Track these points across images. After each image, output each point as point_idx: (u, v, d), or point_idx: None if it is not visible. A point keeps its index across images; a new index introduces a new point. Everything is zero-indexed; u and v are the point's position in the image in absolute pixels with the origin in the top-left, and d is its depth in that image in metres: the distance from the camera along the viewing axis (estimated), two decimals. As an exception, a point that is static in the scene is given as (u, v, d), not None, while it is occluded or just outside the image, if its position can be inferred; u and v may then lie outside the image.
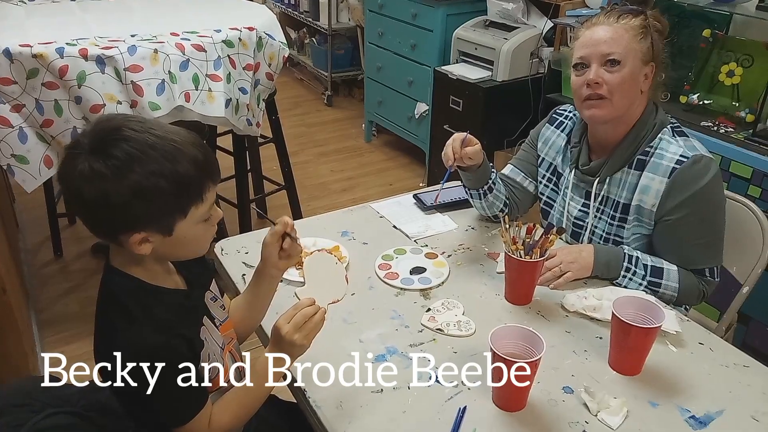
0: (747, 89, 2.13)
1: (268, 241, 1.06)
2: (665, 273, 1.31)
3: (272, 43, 2.16)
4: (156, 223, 0.89)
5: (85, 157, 0.84)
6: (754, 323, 2.01)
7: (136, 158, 0.84)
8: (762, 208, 1.51)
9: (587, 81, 1.29)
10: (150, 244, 0.90)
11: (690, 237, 1.31)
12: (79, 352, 2.23)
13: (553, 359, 1.12)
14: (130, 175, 0.84)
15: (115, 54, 1.79)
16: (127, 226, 0.87)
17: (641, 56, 1.29)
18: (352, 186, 3.53)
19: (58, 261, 2.75)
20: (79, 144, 0.86)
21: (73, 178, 0.85)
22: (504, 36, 2.93)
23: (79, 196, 0.86)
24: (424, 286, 1.32)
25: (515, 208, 1.57)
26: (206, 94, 1.90)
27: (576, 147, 1.44)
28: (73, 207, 0.90)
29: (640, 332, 1.05)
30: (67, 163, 0.87)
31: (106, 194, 0.84)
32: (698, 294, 1.34)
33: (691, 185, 1.28)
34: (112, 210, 0.85)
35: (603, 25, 1.30)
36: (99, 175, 0.83)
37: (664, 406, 1.04)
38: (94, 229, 0.91)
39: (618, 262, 1.33)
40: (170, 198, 0.87)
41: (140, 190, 0.84)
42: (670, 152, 1.30)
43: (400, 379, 1.08)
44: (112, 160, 0.84)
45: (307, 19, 4.69)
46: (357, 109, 4.45)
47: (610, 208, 1.39)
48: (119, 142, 0.85)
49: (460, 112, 3.06)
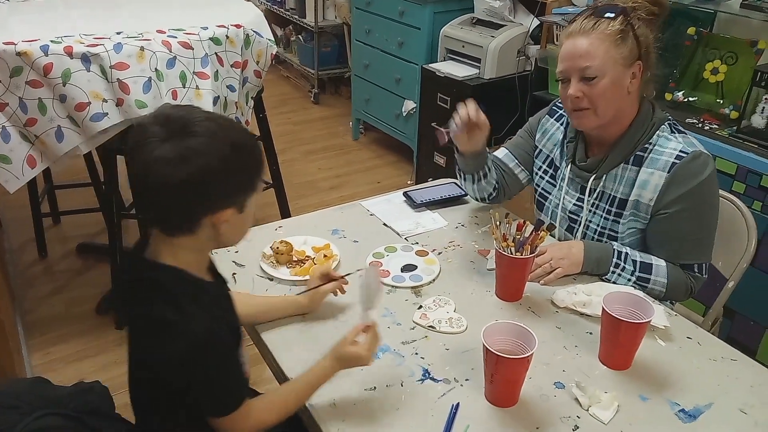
0: (731, 86, 2.16)
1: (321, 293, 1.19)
2: (654, 269, 1.33)
3: (260, 41, 2.15)
4: (237, 199, 0.91)
5: (165, 144, 0.84)
6: (739, 317, 2.03)
7: (216, 134, 0.86)
8: (746, 203, 1.53)
9: (568, 96, 1.31)
10: (228, 224, 0.91)
11: (683, 231, 1.32)
12: (65, 353, 2.22)
13: (545, 355, 1.13)
14: (218, 149, 0.86)
15: (101, 52, 1.77)
16: (215, 205, 0.89)
17: (622, 61, 1.26)
18: (340, 184, 3.52)
19: (43, 261, 2.72)
20: (150, 134, 0.85)
21: (158, 166, 0.84)
22: (491, 34, 2.94)
23: (168, 183, 0.84)
24: (416, 283, 1.33)
25: (503, 194, 1.59)
26: (194, 91, 1.88)
27: (572, 142, 1.45)
28: (156, 198, 0.88)
29: (629, 327, 1.06)
30: (142, 155, 0.85)
31: (202, 170, 0.85)
32: (686, 290, 1.35)
33: (689, 180, 1.29)
34: (207, 186, 0.86)
35: (580, 36, 1.27)
36: (191, 152, 0.84)
37: (654, 400, 1.05)
38: (176, 219, 0.90)
39: (608, 258, 1.34)
40: (246, 170, 0.91)
41: (228, 162, 0.87)
42: (669, 148, 1.31)
43: (392, 376, 1.08)
44: (197, 138, 0.85)
45: (293, 17, 4.67)
46: (344, 107, 4.44)
47: (605, 203, 1.40)
48: (193, 123, 0.86)
49: (447, 109, 3.06)
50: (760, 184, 1.89)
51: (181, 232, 0.91)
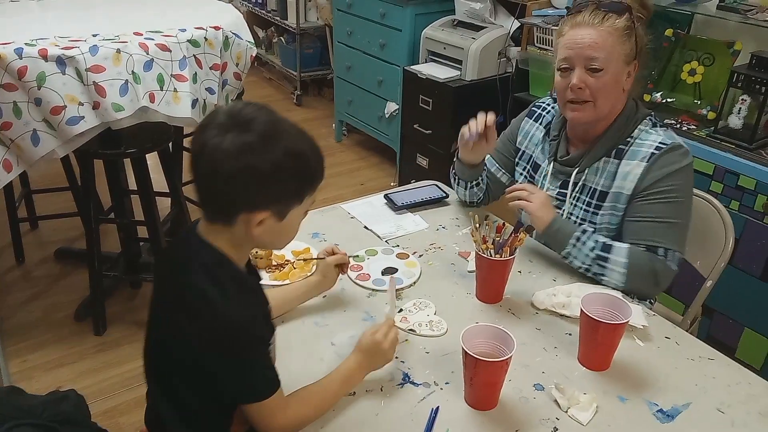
0: (708, 87, 2.18)
1: (329, 262, 1.22)
2: (614, 249, 1.30)
3: (239, 43, 2.13)
4: (278, 205, 0.91)
5: (224, 134, 0.85)
6: (718, 316, 2.06)
7: (274, 136, 0.87)
8: (724, 203, 1.54)
9: (570, 85, 1.29)
10: (263, 227, 0.91)
11: (652, 212, 1.30)
12: (43, 360, 2.18)
13: (524, 357, 1.13)
14: (274, 150, 0.86)
15: (76, 54, 1.74)
16: (253, 204, 0.89)
17: (624, 58, 1.29)
18: (324, 186, 3.38)
19: (21, 267, 2.68)
20: (217, 121, 0.87)
21: (216, 153, 0.85)
22: (472, 36, 2.95)
23: (217, 170, 0.86)
24: (396, 286, 1.32)
25: (488, 197, 1.63)
26: (172, 94, 1.86)
27: (555, 140, 1.46)
28: (203, 182, 0.90)
29: (608, 328, 1.07)
30: (202, 137, 0.87)
31: (251, 167, 0.85)
32: (649, 274, 1.28)
33: (666, 167, 1.29)
34: (250, 185, 0.87)
35: (588, 27, 1.27)
36: (245, 148, 0.85)
37: (633, 400, 1.05)
38: (215, 206, 0.92)
39: (569, 232, 1.33)
40: (295, 180, 0.91)
41: (276, 166, 0.86)
42: (650, 140, 1.32)
43: (372, 381, 1.07)
44: (254, 135, 0.85)
45: (274, 18, 4.65)
46: (327, 109, 4.42)
47: (586, 195, 1.40)
48: (254, 121, 0.87)
49: (429, 111, 3.07)
50: (738, 184, 1.91)
51: (219, 221, 0.92)
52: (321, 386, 1.01)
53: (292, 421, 0.97)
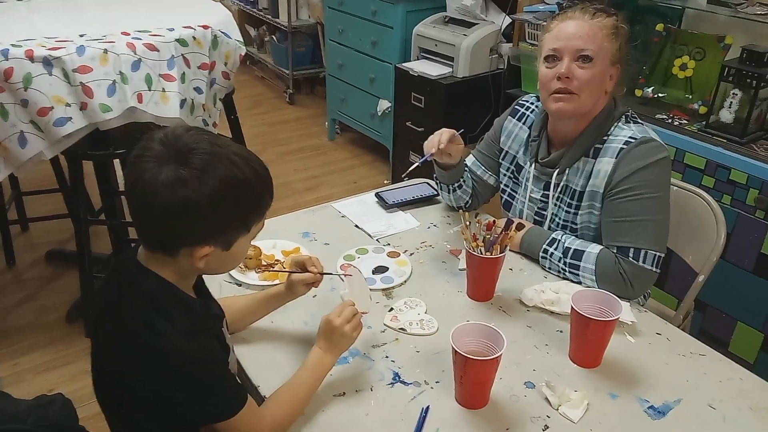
0: (699, 82, 2.18)
1: (297, 281, 1.12)
2: (585, 255, 1.30)
3: (228, 42, 2.12)
4: (222, 237, 0.88)
5: (160, 166, 0.82)
6: (711, 310, 2.06)
7: (212, 165, 0.83)
8: (715, 197, 1.54)
9: (558, 74, 1.28)
10: (207, 259, 0.89)
11: (620, 211, 1.29)
12: (34, 363, 2.16)
13: (515, 354, 1.12)
14: (211, 182, 0.83)
15: (63, 55, 1.73)
16: (194, 239, 0.86)
17: (610, 56, 1.29)
18: (317, 185, 3.50)
19: (11, 270, 2.66)
20: (151, 151, 0.84)
21: (152, 186, 0.82)
22: (463, 32, 2.94)
23: (153, 204, 0.83)
24: (387, 285, 1.31)
25: (477, 200, 1.60)
26: (160, 94, 1.85)
27: (536, 141, 1.45)
28: (140, 216, 0.87)
29: (598, 325, 1.06)
30: (137, 169, 0.84)
31: (188, 201, 0.82)
32: (617, 279, 1.26)
33: (633, 162, 1.28)
34: (189, 219, 0.84)
35: (578, 20, 1.29)
36: (181, 181, 0.82)
37: (624, 397, 1.05)
38: (155, 240, 0.88)
39: (538, 248, 1.36)
40: (239, 211, 0.88)
41: (216, 199, 0.83)
42: (620, 136, 1.32)
43: (362, 381, 1.07)
44: (191, 166, 0.82)
45: (266, 17, 4.63)
46: (320, 107, 4.41)
47: (567, 196, 1.40)
48: (192, 152, 0.83)
49: (422, 108, 3.06)
50: (729, 178, 1.91)
51: (160, 253, 0.89)
52: (291, 383, 1.00)
53: (272, 425, 0.96)
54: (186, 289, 0.94)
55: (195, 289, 0.99)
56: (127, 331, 0.88)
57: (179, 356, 0.86)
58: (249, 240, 0.94)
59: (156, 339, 0.85)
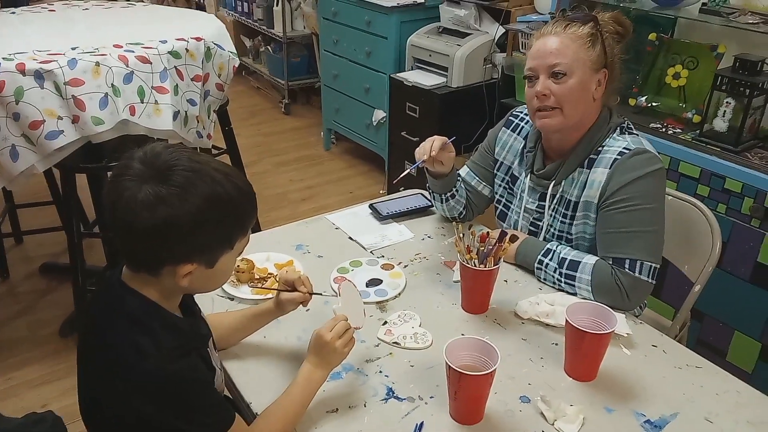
0: (693, 90, 2.18)
1: (286, 300, 1.11)
2: (581, 266, 1.29)
3: (221, 53, 2.11)
4: (205, 254, 0.88)
5: (141, 185, 0.81)
6: (708, 320, 2.04)
7: (193, 183, 0.83)
8: (710, 206, 1.54)
9: (536, 93, 1.30)
10: (191, 277, 0.88)
11: (614, 222, 1.29)
12: (28, 378, 2.15)
13: (510, 368, 1.11)
14: (192, 200, 0.82)
15: (55, 68, 1.72)
16: (176, 257, 0.85)
17: (590, 65, 1.28)
18: (312, 195, 3.49)
19: (5, 283, 2.65)
20: (131, 171, 0.83)
21: (132, 205, 0.81)
22: (457, 42, 2.94)
23: (133, 223, 0.82)
24: (381, 298, 1.30)
25: (471, 211, 1.59)
26: (152, 107, 1.84)
27: (531, 152, 1.45)
28: (121, 235, 0.86)
29: (593, 338, 1.05)
30: (118, 188, 0.83)
31: (169, 220, 0.81)
32: (614, 290, 1.25)
33: (627, 173, 1.27)
34: (171, 238, 0.83)
35: (550, 36, 1.29)
36: (161, 200, 0.81)
37: (620, 411, 1.04)
38: (137, 259, 0.88)
39: (533, 260, 1.36)
40: (221, 228, 0.87)
41: (198, 217, 0.83)
42: (615, 146, 1.31)
43: (355, 397, 1.05)
44: (172, 184, 0.82)
45: (261, 27, 4.64)
46: (315, 117, 4.41)
47: (563, 207, 1.40)
48: (172, 170, 0.83)
49: (416, 118, 3.06)
50: (724, 187, 1.91)
51: (143, 272, 0.88)
52: (282, 400, 0.99)
53: None
54: (171, 308, 0.93)
55: (182, 307, 0.97)
56: (111, 352, 0.87)
57: (163, 377, 0.85)
58: (234, 257, 0.93)
59: (140, 360, 0.84)
